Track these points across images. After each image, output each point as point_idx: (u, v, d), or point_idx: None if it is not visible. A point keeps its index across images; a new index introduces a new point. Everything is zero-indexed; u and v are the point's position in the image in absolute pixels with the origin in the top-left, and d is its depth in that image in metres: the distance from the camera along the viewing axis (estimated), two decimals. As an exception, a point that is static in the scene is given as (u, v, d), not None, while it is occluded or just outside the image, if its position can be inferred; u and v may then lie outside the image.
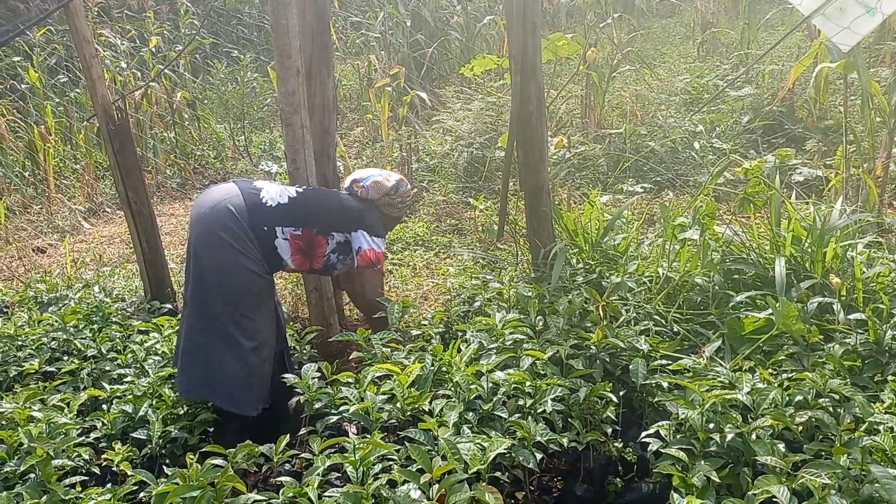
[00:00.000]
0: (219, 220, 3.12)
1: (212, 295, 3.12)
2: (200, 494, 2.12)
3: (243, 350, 3.11)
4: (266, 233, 3.19)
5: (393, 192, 3.59)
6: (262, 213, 3.19)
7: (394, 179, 3.62)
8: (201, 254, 3.14)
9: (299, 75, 3.73)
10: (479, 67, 5.61)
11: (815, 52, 5.23)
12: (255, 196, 3.23)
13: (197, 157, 8.89)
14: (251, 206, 3.19)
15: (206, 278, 3.13)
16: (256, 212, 3.18)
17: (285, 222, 3.23)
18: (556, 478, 2.59)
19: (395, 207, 3.63)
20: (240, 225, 3.13)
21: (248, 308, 3.15)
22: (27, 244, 6.47)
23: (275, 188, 3.32)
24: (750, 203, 3.65)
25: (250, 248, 3.14)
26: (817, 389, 2.50)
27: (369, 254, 3.37)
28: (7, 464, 2.50)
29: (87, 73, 4.26)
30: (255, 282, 3.15)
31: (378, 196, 3.56)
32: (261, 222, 3.18)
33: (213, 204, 3.16)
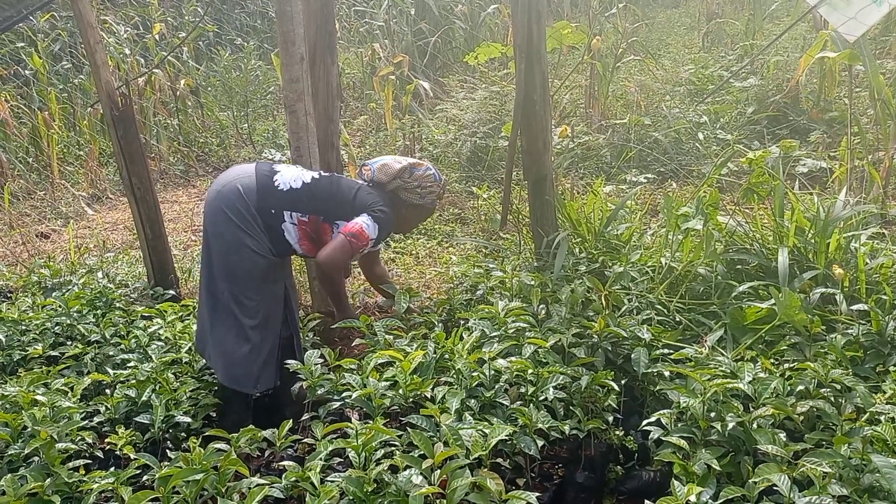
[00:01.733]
0: (227, 199, 3.16)
1: (216, 272, 3.18)
2: (203, 478, 2.13)
3: (244, 328, 3.14)
4: (273, 216, 3.18)
5: (406, 175, 3.38)
6: (272, 196, 3.17)
7: (405, 162, 3.42)
8: (209, 231, 3.19)
9: (303, 63, 3.73)
10: (483, 55, 5.59)
11: (822, 44, 5.20)
12: (269, 178, 3.22)
13: (200, 144, 8.89)
14: (262, 187, 3.19)
15: (213, 256, 3.19)
16: (266, 194, 3.17)
17: (294, 207, 3.20)
18: (557, 465, 2.60)
19: (414, 193, 3.41)
20: (246, 205, 3.14)
21: (250, 287, 3.16)
22: (31, 230, 6.48)
23: (292, 172, 3.29)
24: (753, 193, 3.65)
25: (255, 229, 3.14)
26: (819, 379, 2.51)
27: (354, 227, 3.16)
28: (11, 447, 2.51)
29: (91, 58, 4.26)
30: (258, 262, 3.15)
31: (388, 179, 3.36)
32: (269, 205, 3.16)
33: (226, 182, 3.21)
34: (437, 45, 10.47)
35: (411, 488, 2.04)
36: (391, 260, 5.41)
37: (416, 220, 3.62)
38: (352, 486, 2.07)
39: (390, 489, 2.09)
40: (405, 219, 3.51)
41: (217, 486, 2.19)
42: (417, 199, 3.44)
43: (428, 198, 3.46)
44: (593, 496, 2.61)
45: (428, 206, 3.51)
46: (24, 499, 2.20)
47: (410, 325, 3.39)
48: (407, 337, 3.11)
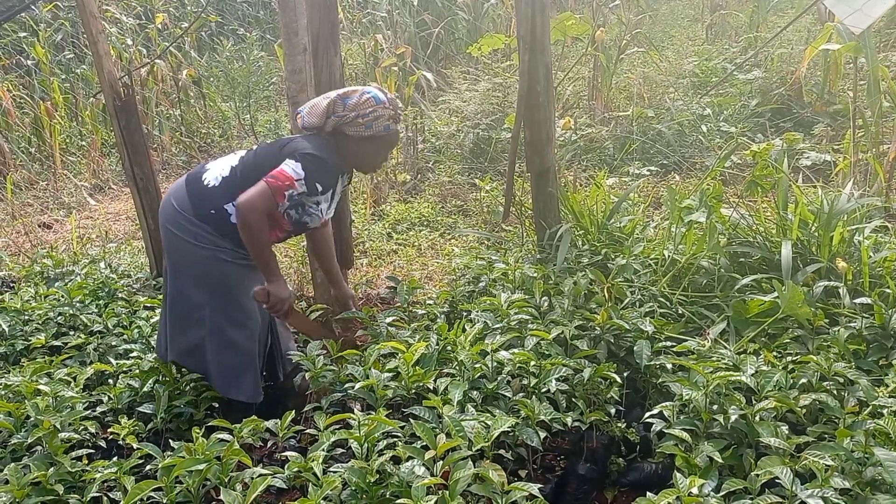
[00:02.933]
0: (169, 217, 3.01)
1: (191, 291, 3.03)
2: (206, 468, 2.14)
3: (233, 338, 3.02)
4: (215, 215, 2.94)
5: (339, 109, 2.96)
6: (205, 198, 2.96)
7: (334, 94, 2.99)
8: (167, 251, 3.08)
9: (306, 53, 3.72)
10: (486, 47, 5.58)
11: (826, 36, 5.18)
12: (198, 181, 3.01)
13: (202, 135, 8.88)
14: (193, 193, 2.99)
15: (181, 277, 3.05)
16: (200, 198, 2.97)
17: (232, 196, 2.92)
18: (560, 457, 2.60)
19: (356, 125, 2.96)
20: (187, 219, 2.96)
21: (230, 295, 3.01)
22: (33, 220, 6.49)
23: (220, 164, 3.05)
24: (757, 186, 3.64)
25: (207, 238, 2.95)
26: (822, 372, 2.51)
27: (274, 172, 2.83)
28: (14, 436, 2.52)
29: (94, 48, 4.25)
30: (226, 269, 2.98)
31: (319, 119, 2.97)
32: (207, 207, 2.94)
33: (164, 202, 3.06)
34: (440, 37, 10.44)
35: (414, 479, 2.05)
36: (393, 252, 5.41)
37: (376, 154, 3.12)
38: (354, 477, 2.08)
39: (393, 480, 2.09)
40: (362, 156, 3.08)
41: (220, 476, 2.19)
42: (364, 130, 2.97)
43: (376, 125, 2.98)
44: (595, 488, 2.61)
45: (381, 135, 3.02)
46: (27, 488, 2.20)
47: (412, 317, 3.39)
48: (409, 328, 3.11)
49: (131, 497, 2.04)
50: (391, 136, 3.07)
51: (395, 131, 3.07)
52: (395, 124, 3.04)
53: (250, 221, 2.80)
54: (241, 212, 2.80)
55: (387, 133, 3.03)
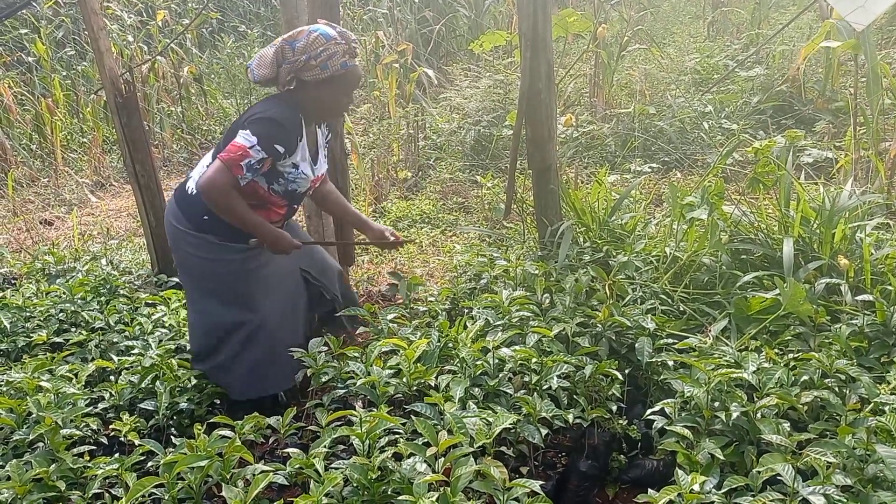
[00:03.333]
0: (170, 234, 3.03)
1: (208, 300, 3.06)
2: (208, 464, 2.14)
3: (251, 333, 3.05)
4: (209, 220, 2.89)
5: (289, 54, 2.77)
6: (193, 206, 2.91)
7: (279, 40, 2.80)
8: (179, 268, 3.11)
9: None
10: (488, 43, 5.58)
11: (826, 32, 5.17)
12: (183, 192, 2.98)
13: (204, 131, 8.87)
14: (183, 206, 2.95)
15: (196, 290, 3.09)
16: (189, 208, 2.93)
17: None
18: (561, 454, 2.61)
19: (310, 68, 2.78)
20: (184, 231, 2.94)
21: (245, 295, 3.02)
22: (35, 216, 6.49)
23: (198, 167, 2.98)
24: (759, 183, 3.64)
25: (208, 245, 2.93)
26: (823, 370, 2.51)
27: (228, 146, 2.75)
28: (16, 432, 2.52)
29: (95, 45, 4.24)
30: (234, 267, 2.97)
31: (269, 71, 2.80)
32: (199, 214, 2.90)
33: (165, 224, 3.07)
34: (442, 33, 10.43)
35: (415, 476, 2.05)
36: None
37: (337, 97, 2.92)
38: (356, 474, 2.08)
39: (394, 476, 2.09)
40: (323, 101, 2.90)
41: (221, 472, 2.19)
42: (320, 72, 2.78)
43: (332, 64, 2.77)
44: (596, 485, 2.61)
45: (340, 74, 2.82)
46: (29, 484, 2.21)
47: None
48: (411, 325, 3.11)
49: (133, 493, 2.04)
50: (351, 72, 2.84)
51: (353, 67, 2.83)
52: (351, 59, 2.81)
53: (217, 201, 2.74)
54: (203, 194, 2.75)
55: (346, 71, 2.81)
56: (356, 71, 2.87)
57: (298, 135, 2.88)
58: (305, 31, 2.77)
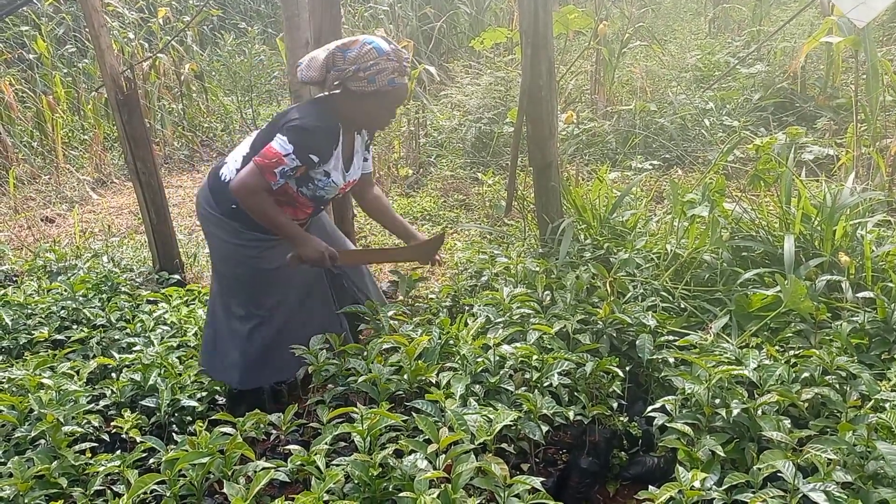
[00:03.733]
0: (201, 217, 3.07)
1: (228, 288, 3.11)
2: (209, 461, 2.14)
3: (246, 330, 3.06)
4: (237, 209, 2.91)
5: (339, 62, 2.76)
6: (225, 193, 2.92)
7: (333, 45, 2.79)
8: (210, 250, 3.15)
9: (308, 47, 3.71)
10: (489, 41, 5.58)
11: (826, 29, 5.17)
12: (216, 178, 3.00)
13: (205, 129, 8.88)
14: (215, 191, 2.99)
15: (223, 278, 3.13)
16: (220, 194, 2.96)
17: None
18: (562, 450, 2.60)
19: (358, 79, 2.77)
20: (213, 215, 2.98)
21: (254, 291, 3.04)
22: (36, 214, 6.49)
23: (235, 154, 3.01)
24: (760, 180, 3.63)
25: (234, 233, 2.97)
26: (824, 366, 2.50)
27: (262, 150, 2.77)
28: (18, 429, 2.53)
29: (96, 42, 4.24)
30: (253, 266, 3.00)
31: (318, 74, 2.79)
32: (228, 201, 2.92)
33: (196, 204, 3.12)
34: (443, 30, 10.43)
35: (416, 472, 2.05)
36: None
37: (381, 111, 2.92)
38: (357, 470, 2.08)
39: (395, 473, 2.10)
40: (367, 114, 2.90)
41: (223, 469, 2.20)
42: (367, 85, 2.78)
43: (380, 79, 2.77)
44: (597, 481, 2.61)
45: (386, 90, 2.81)
46: (31, 481, 2.21)
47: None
48: (412, 322, 3.12)
49: (135, 490, 2.05)
50: (397, 90, 2.84)
51: (401, 86, 2.84)
52: (400, 77, 2.81)
53: (248, 203, 2.79)
54: (236, 196, 2.79)
55: (392, 88, 2.81)
56: (402, 89, 2.87)
57: (334, 144, 2.90)
58: (360, 41, 2.77)
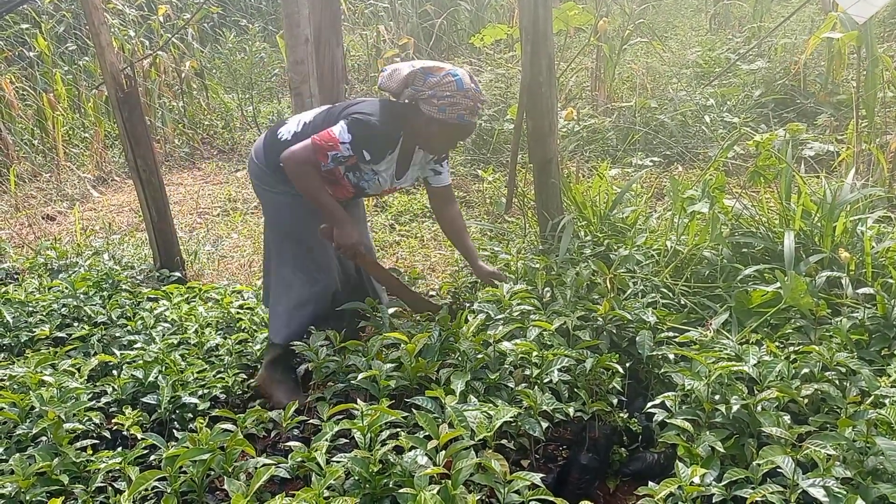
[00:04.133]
0: (250, 170, 3.22)
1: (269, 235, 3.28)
2: (210, 457, 2.15)
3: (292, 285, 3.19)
4: (283, 169, 3.01)
5: (418, 82, 2.87)
6: (278, 149, 3.02)
7: (419, 65, 2.89)
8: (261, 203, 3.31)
9: (308, 44, 3.72)
10: (489, 37, 5.57)
11: (829, 25, 5.16)
12: (274, 134, 3.13)
13: (205, 126, 8.88)
14: (268, 145, 3.12)
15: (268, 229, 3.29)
16: (272, 149, 3.07)
17: None
18: (562, 447, 2.61)
19: (430, 104, 2.86)
20: (261, 169, 3.12)
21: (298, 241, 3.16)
22: (37, 211, 6.50)
23: (297, 118, 3.13)
24: (760, 177, 3.63)
25: (280, 186, 3.08)
26: (824, 363, 2.51)
27: (322, 132, 2.88)
28: (19, 427, 2.53)
29: (96, 39, 4.24)
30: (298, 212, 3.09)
31: (396, 86, 2.88)
32: (276, 159, 3.00)
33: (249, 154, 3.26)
34: (443, 27, 10.42)
35: (416, 469, 2.06)
36: (396, 243, 5.42)
37: (443, 140, 3.00)
38: (357, 467, 2.09)
39: (395, 469, 2.10)
40: (429, 136, 2.99)
41: (224, 465, 2.20)
42: (436, 111, 2.86)
43: (450, 111, 2.85)
44: (597, 477, 2.62)
45: (451, 122, 2.89)
46: (32, 478, 2.22)
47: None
48: (412, 319, 3.12)
49: (135, 486, 2.05)
50: (464, 127, 2.93)
51: (468, 123, 2.92)
52: (470, 116, 2.90)
53: (294, 174, 2.90)
54: (285, 165, 2.91)
55: (459, 123, 2.90)
56: (469, 127, 2.97)
57: (390, 149, 3.00)
58: (445, 69, 2.87)
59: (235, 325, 3.62)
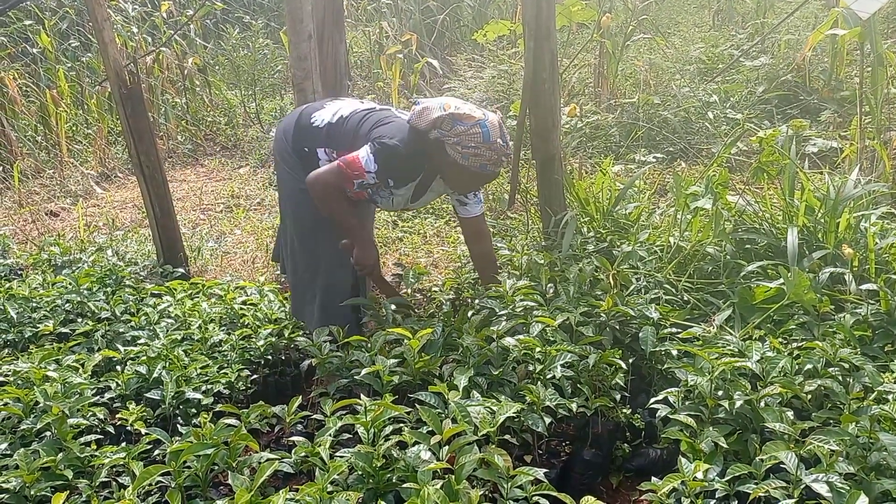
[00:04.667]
0: (276, 144, 3.23)
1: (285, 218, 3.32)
2: (214, 452, 2.15)
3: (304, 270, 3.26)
4: (307, 154, 3.07)
5: (446, 127, 2.89)
6: (306, 134, 3.04)
7: (449, 111, 2.89)
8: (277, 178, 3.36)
9: (311, 40, 3.72)
10: (492, 33, 5.56)
11: (832, 21, 5.15)
12: (308, 116, 3.12)
13: (208, 123, 8.88)
14: (299, 126, 3.12)
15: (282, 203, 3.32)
16: (302, 132, 3.09)
17: (328, 143, 3.07)
18: (565, 442, 2.61)
19: (455, 150, 2.90)
20: (285, 147, 3.13)
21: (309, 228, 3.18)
22: (40, 208, 6.51)
23: (335, 106, 3.13)
24: (763, 173, 3.63)
25: (300, 173, 3.07)
26: (827, 358, 2.51)
27: (350, 155, 2.94)
28: (24, 421, 2.54)
29: (100, 36, 4.24)
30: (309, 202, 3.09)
31: (425, 126, 2.90)
32: (303, 143, 3.03)
33: (278, 127, 3.27)
34: (446, 23, 10.40)
35: (420, 464, 2.06)
36: (399, 239, 5.42)
37: (464, 181, 3.06)
38: (361, 462, 2.09)
39: (399, 465, 2.11)
40: (450, 175, 3.06)
41: (227, 460, 2.21)
42: (460, 158, 2.91)
43: (472, 161, 2.90)
44: (600, 473, 2.62)
45: (473, 170, 2.94)
46: (36, 472, 2.22)
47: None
48: (415, 315, 3.12)
49: (140, 481, 2.06)
50: (485, 175, 3.00)
51: (490, 173, 2.99)
52: (493, 167, 2.96)
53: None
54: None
55: (480, 172, 2.96)
56: (490, 176, 3.02)
57: (413, 178, 3.07)
58: (475, 119, 2.88)
59: (238, 321, 3.62)
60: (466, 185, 3.13)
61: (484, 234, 3.41)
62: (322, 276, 3.25)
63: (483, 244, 3.41)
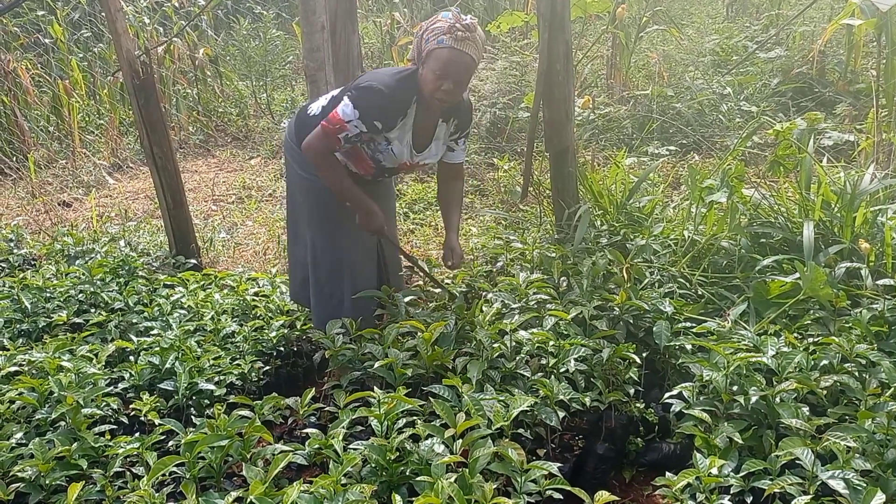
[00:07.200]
0: (284, 144, 3.25)
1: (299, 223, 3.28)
2: (228, 444, 2.16)
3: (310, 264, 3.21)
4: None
5: (420, 30, 2.84)
6: (305, 124, 3.03)
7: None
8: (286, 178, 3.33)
9: (324, 31, 3.70)
10: (506, 24, 5.52)
11: (849, 11, 5.10)
12: (306, 108, 3.12)
13: (220, 114, 8.88)
14: (299, 119, 3.13)
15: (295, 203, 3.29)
16: (302, 124, 3.08)
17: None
18: (578, 436, 2.61)
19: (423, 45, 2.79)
20: (292, 146, 3.14)
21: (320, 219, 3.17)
22: (53, 198, 6.53)
23: (330, 94, 3.11)
24: (779, 166, 3.60)
25: (308, 167, 3.08)
26: (843, 354, 2.49)
27: (329, 115, 2.85)
28: (38, 411, 2.55)
29: (112, 26, 4.24)
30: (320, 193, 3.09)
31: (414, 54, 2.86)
32: (304, 133, 2.98)
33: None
34: (458, 15, 10.34)
35: (433, 457, 2.06)
36: (410, 231, 5.41)
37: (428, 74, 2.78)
38: (374, 454, 2.09)
39: (412, 457, 2.10)
40: (424, 82, 2.82)
41: (241, 451, 2.21)
42: (424, 47, 2.79)
43: (430, 38, 2.76)
44: (613, 467, 2.61)
45: (432, 49, 2.74)
46: (51, 462, 2.24)
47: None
48: (428, 308, 3.12)
49: (154, 472, 2.06)
50: (439, 51, 2.72)
51: (445, 47, 2.70)
52: (448, 38, 2.69)
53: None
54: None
55: (437, 47, 2.72)
56: (445, 51, 2.72)
57: (401, 114, 2.89)
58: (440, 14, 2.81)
59: (251, 312, 3.63)
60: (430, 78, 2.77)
61: (460, 177, 3.34)
62: (347, 275, 3.20)
63: (457, 183, 3.35)
